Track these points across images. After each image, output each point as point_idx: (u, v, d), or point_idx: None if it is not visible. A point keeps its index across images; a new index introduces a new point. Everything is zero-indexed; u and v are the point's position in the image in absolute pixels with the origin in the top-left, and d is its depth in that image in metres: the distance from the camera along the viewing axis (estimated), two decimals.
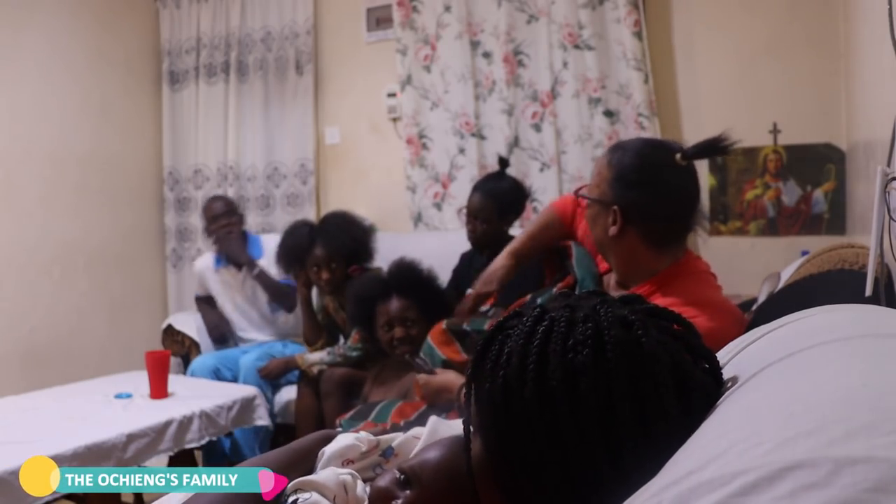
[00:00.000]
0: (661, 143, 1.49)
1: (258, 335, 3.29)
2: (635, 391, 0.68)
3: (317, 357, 2.73)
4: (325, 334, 2.91)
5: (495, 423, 0.75)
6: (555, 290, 1.61)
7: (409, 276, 2.33)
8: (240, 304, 3.33)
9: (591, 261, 1.68)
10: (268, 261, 3.22)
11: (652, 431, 0.67)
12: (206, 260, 3.44)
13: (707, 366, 0.77)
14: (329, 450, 1.01)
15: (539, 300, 1.60)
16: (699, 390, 0.72)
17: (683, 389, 0.70)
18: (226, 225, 3.25)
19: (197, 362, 3.09)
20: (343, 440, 1.03)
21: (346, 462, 1.00)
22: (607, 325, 0.71)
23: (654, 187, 1.40)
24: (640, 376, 0.69)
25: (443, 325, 1.89)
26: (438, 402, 1.76)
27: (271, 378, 2.92)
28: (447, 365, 1.82)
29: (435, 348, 1.84)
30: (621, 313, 0.73)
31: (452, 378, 1.74)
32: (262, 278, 3.19)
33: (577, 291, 1.57)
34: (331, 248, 2.72)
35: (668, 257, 1.44)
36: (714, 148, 1.40)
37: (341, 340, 2.87)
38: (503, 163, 2.71)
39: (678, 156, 1.39)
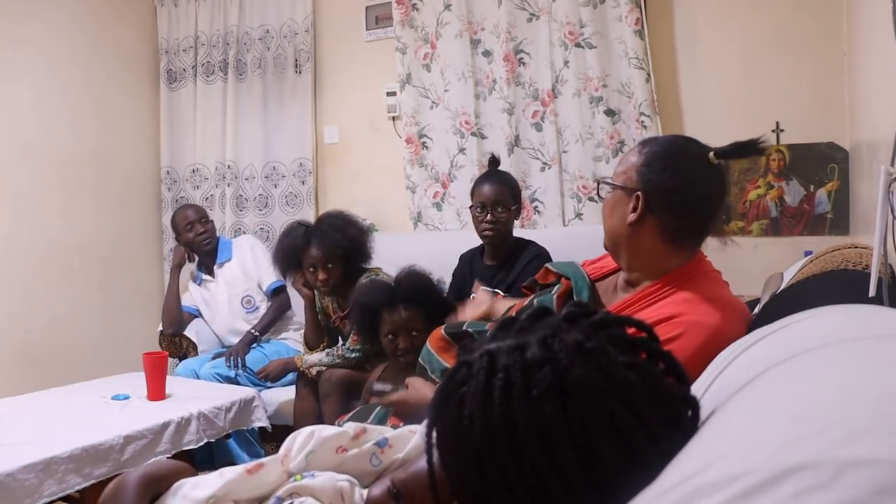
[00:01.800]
0: (695, 139, 1.47)
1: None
2: (614, 426, 0.66)
3: (315, 358, 2.71)
4: (326, 338, 2.89)
5: (473, 490, 0.71)
6: (555, 294, 1.58)
7: (418, 288, 2.28)
8: (223, 316, 3.40)
9: (572, 264, 1.65)
10: (238, 261, 3.41)
11: (641, 456, 0.65)
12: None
13: (664, 366, 0.74)
14: (323, 434, 1.02)
15: (537, 301, 1.57)
16: (676, 398, 0.70)
17: (662, 403, 0.68)
18: (202, 233, 3.36)
19: (181, 368, 3.12)
20: (330, 429, 1.03)
21: (341, 450, 1.00)
22: (567, 364, 0.67)
23: (682, 175, 1.38)
24: (614, 410, 0.66)
25: (441, 330, 1.85)
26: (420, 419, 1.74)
27: (269, 380, 2.90)
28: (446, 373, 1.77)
29: (434, 354, 1.79)
30: (576, 341, 0.69)
31: (427, 393, 1.68)
32: (264, 327, 3.28)
33: (574, 296, 1.54)
34: (326, 249, 2.70)
35: (680, 256, 1.42)
36: (750, 148, 1.37)
37: (340, 342, 2.85)
38: (494, 162, 2.69)
39: (711, 154, 1.38)
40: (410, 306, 2.22)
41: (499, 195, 2.54)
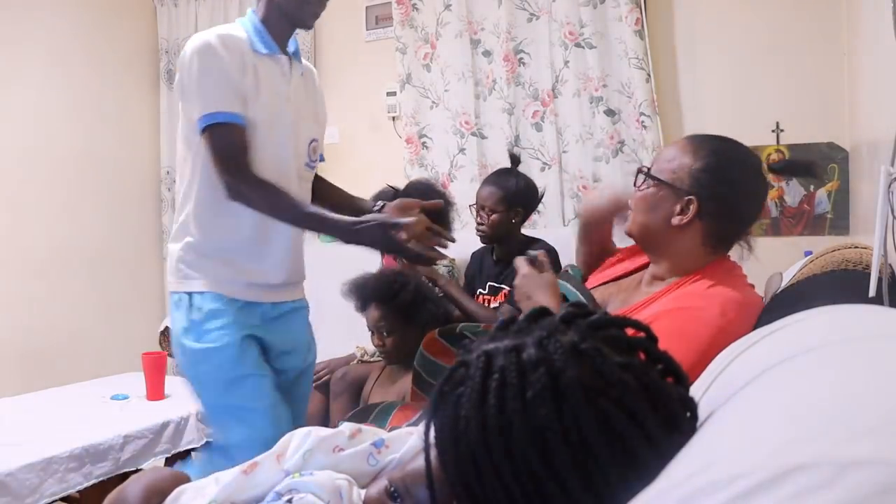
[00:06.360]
0: (744, 146, 1.44)
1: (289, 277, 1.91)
2: (608, 427, 0.65)
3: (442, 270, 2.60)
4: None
5: (470, 490, 0.71)
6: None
7: (385, 288, 2.26)
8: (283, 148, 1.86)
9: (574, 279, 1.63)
10: (313, 87, 2.02)
11: (637, 457, 0.65)
12: (234, 39, 1.81)
13: (662, 366, 0.74)
14: (320, 434, 1.02)
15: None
16: (673, 399, 0.70)
17: (659, 404, 0.68)
18: None
19: None
20: (326, 430, 1.03)
21: (337, 449, 1.00)
22: (561, 366, 0.67)
23: (738, 185, 1.38)
24: (609, 412, 0.66)
25: (435, 333, 1.82)
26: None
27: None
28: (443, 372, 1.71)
29: (430, 357, 1.78)
30: (571, 342, 0.69)
31: (546, 281, 1.43)
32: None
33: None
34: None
35: (714, 258, 1.43)
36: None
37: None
38: (514, 160, 2.68)
39: (765, 167, 1.41)
40: (379, 306, 2.23)
41: (486, 198, 2.54)
